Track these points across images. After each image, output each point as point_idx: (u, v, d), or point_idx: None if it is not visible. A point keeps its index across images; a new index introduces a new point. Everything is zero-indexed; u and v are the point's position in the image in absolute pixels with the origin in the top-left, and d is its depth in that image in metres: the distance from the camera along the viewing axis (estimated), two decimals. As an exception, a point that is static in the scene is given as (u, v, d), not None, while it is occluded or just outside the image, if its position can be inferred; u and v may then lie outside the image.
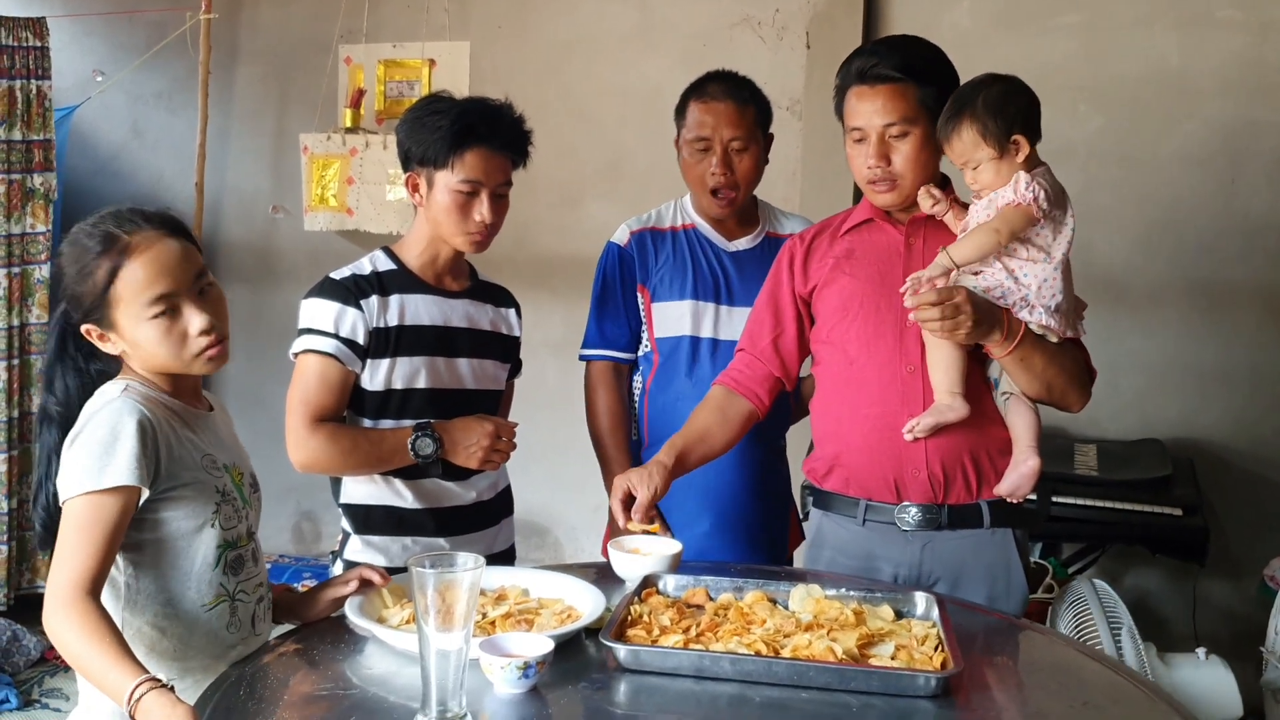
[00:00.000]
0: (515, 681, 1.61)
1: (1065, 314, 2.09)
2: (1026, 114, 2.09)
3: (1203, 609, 3.78)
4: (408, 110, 2.28)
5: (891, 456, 2.21)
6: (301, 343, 2.21)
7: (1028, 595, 2.28)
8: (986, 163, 2.09)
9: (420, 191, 2.25)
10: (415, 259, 2.30)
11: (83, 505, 1.61)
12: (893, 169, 2.21)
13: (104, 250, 1.70)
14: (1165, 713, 1.64)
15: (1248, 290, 3.78)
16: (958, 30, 3.95)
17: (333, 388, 2.19)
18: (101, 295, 1.70)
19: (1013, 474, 2.17)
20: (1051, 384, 2.15)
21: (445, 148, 2.17)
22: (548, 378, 3.76)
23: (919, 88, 2.18)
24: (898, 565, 2.24)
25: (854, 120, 2.24)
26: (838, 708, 1.60)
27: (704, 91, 2.58)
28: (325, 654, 1.78)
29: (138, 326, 1.71)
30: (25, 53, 4.35)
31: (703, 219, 2.67)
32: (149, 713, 1.45)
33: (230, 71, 4.96)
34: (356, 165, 4.50)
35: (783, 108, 4.20)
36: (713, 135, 2.54)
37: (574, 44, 4.50)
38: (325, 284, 2.24)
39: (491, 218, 2.22)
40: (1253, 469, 3.79)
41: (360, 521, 2.28)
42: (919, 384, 2.19)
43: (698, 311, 2.60)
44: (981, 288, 2.09)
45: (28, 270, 4.42)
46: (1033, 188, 2.04)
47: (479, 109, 2.21)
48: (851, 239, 2.32)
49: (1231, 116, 3.75)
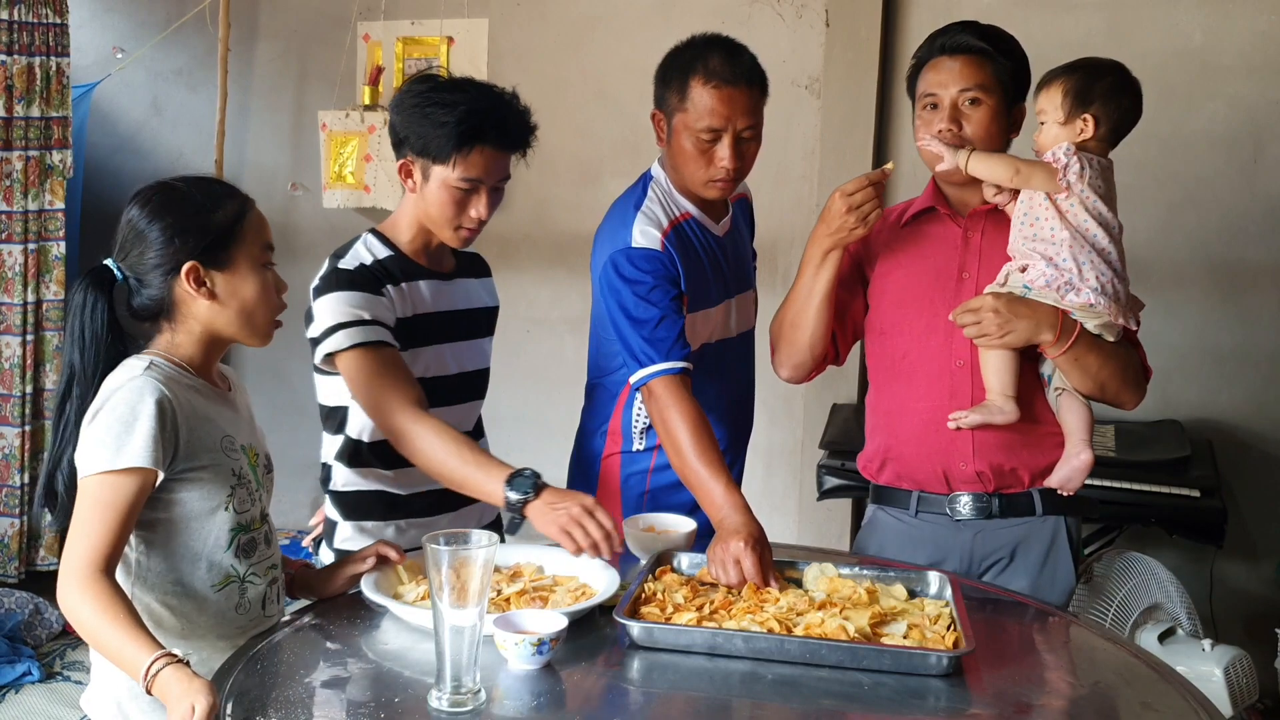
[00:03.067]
0: (529, 658, 1.62)
1: (1114, 298, 2.08)
2: (1113, 107, 2.11)
3: (1219, 591, 3.77)
4: (404, 92, 2.16)
5: (939, 450, 2.21)
6: (344, 338, 2.05)
7: (1074, 585, 2.28)
8: (1052, 124, 2.13)
9: (414, 179, 2.16)
10: (408, 244, 2.21)
11: (99, 484, 1.62)
12: (964, 134, 2.17)
13: (230, 193, 1.79)
14: (1177, 695, 1.64)
15: (1269, 271, 3.75)
16: (981, 7, 3.90)
17: (407, 373, 2.07)
18: (230, 230, 1.75)
19: (1064, 467, 2.17)
20: (1106, 384, 2.15)
21: (449, 145, 2.08)
22: (566, 354, 3.77)
23: (996, 61, 2.18)
24: (947, 553, 2.24)
25: (927, 88, 2.20)
26: (850, 686, 1.60)
27: (710, 70, 2.22)
28: (341, 629, 1.80)
29: (251, 271, 1.77)
30: (45, 29, 4.35)
31: (694, 206, 2.37)
32: (166, 687, 1.47)
33: (249, 48, 4.97)
34: (375, 142, 4.50)
35: (802, 86, 4.19)
36: (725, 126, 2.22)
37: (593, 21, 4.48)
38: (343, 275, 2.12)
39: (487, 214, 2.15)
40: (1272, 451, 3.77)
41: (350, 508, 2.23)
42: (968, 378, 2.19)
43: (728, 311, 2.44)
44: (1029, 281, 2.10)
45: (45, 246, 4.43)
46: (1070, 156, 2.07)
47: (486, 106, 2.11)
48: (912, 230, 2.30)
49: (1255, 96, 3.71)
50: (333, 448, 2.24)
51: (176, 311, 1.76)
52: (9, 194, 4.30)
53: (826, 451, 3.59)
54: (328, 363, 2.10)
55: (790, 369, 2.35)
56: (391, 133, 2.19)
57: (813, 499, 3.65)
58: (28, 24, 4.30)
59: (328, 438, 2.26)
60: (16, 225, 4.33)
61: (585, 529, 1.89)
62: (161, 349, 1.77)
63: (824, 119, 4.10)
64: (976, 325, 2.09)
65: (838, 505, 4.02)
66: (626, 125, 4.40)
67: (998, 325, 2.08)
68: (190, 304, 1.75)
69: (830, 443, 3.62)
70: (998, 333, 2.08)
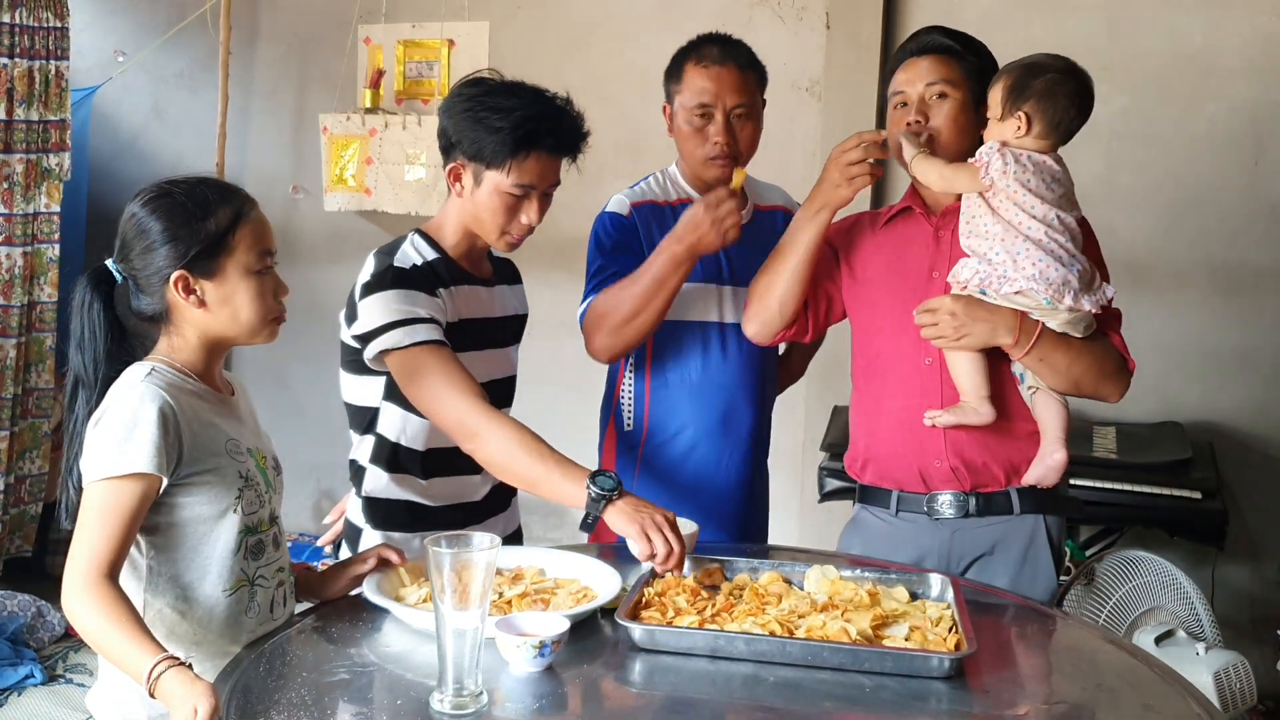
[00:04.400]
0: (531, 660, 1.62)
1: (1062, 284, 2.06)
2: (1051, 105, 2.09)
3: (1221, 593, 3.77)
4: (455, 96, 2.13)
5: (914, 448, 2.23)
6: (403, 335, 2.01)
7: (1055, 583, 2.28)
8: (993, 121, 2.14)
9: (463, 183, 2.13)
10: (453, 248, 2.19)
11: (103, 490, 1.62)
12: (930, 125, 2.20)
13: (226, 199, 1.75)
14: (1178, 696, 1.64)
15: (1270, 273, 3.75)
16: (980, 8, 3.92)
17: (468, 371, 2.02)
18: (220, 239, 1.72)
19: (1039, 466, 2.18)
20: (1080, 380, 2.15)
21: (504, 150, 2.06)
22: (567, 357, 3.76)
23: (964, 59, 2.22)
24: (926, 552, 2.25)
25: (897, 86, 2.25)
26: (851, 688, 1.60)
27: (702, 54, 2.42)
28: (343, 631, 1.80)
29: (243, 279, 1.74)
30: (45, 33, 4.35)
31: (698, 193, 2.48)
32: (169, 691, 1.46)
33: (250, 51, 4.97)
34: (375, 145, 4.51)
35: (802, 88, 4.19)
36: (714, 102, 2.39)
37: (593, 24, 4.49)
38: (399, 273, 2.08)
39: (537, 220, 2.14)
40: (1273, 453, 3.77)
41: (380, 517, 2.21)
42: (937, 377, 2.21)
43: (706, 294, 2.49)
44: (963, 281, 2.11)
45: (39, 249, 4.43)
46: (992, 154, 2.08)
47: (541, 111, 2.09)
48: (890, 230, 2.33)
49: (1256, 98, 3.72)
50: (366, 449, 2.21)
51: (172, 317, 1.76)
52: (8, 197, 4.31)
53: (828, 454, 3.59)
54: (378, 361, 2.08)
55: (757, 325, 2.34)
56: (441, 137, 2.15)
57: (814, 501, 3.65)
58: (28, 27, 4.30)
59: (358, 438, 2.23)
60: (16, 228, 4.34)
61: (665, 536, 1.84)
62: (163, 354, 1.77)
63: (825, 121, 4.10)
64: (934, 327, 2.11)
65: (839, 507, 4.01)
66: (627, 128, 4.40)
67: (954, 328, 2.09)
68: (184, 310, 1.75)
69: (832, 445, 3.62)
70: (953, 335, 2.10)
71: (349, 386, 2.20)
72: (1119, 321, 2.22)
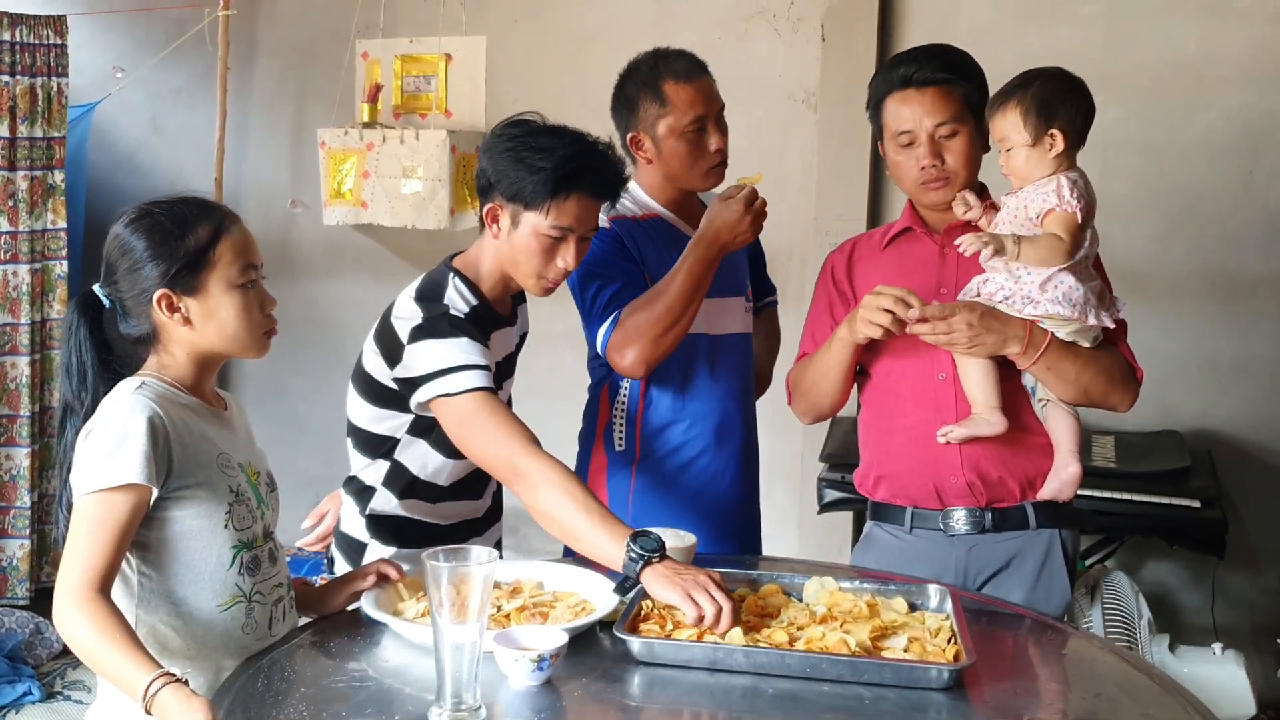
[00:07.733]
0: (529, 674, 1.62)
1: (1080, 303, 2.08)
2: (1073, 114, 2.10)
3: (1221, 601, 3.76)
4: (496, 136, 2.12)
5: (929, 464, 2.23)
6: (461, 381, 2.00)
7: (1069, 597, 2.28)
8: (1019, 148, 2.12)
9: (500, 224, 2.11)
10: (489, 290, 2.18)
11: (93, 503, 1.62)
12: (947, 167, 2.22)
13: (204, 215, 1.76)
14: (1178, 706, 1.64)
15: (1267, 281, 3.75)
16: (975, 21, 3.93)
17: (516, 416, 2.04)
18: (200, 255, 1.73)
19: (1054, 480, 2.18)
20: (1089, 389, 2.15)
21: (545, 192, 2.04)
22: (566, 368, 3.76)
23: (963, 87, 2.21)
24: (941, 568, 2.24)
25: (901, 125, 2.23)
26: (850, 700, 1.60)
27: (679, 72, 2.43)
28: (342, 646, 1.80)
29: (226, 293, 1.75)
30: (46, 50, 4.39)
31: (666, 208, 2.50)
32: (165, 707, 1.46)
33: (248, 67, 4.98)
34: (373, 159, 4.51)
35: (798, 100, 4.20)
36: (708, 112, 2.42)
37: (590, 36, 4.50)
38: (456, 321, 2.07)
39: (574, 264, 2.12)
40: (1272, 461, 3.77)
41: (390, 534, 2.21)
42: (951, 392, 2.21)
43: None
44: (985, 293, 2.11)
45: (48, 266, 4.47)
46: (1078, 195, 2.07)
47: (583, 152, 2.09)
48: (892, 251, 2.34)
49: (1251, 106, 3.72)
50: (377, 473, 2.21)
51: (160, 336, 1.77)
52: (14, 214, 4.33)
53: (827, 465, 3.59)
54: (424, 405, 2.06)
55: (810, 418, 2.44)
56: (480, 177, 2.14)
57: (813, 512, 3.65)
58: (29, 45, 4.34)
59: (366, 460, 2.22)
60: (23, 245, 4.36)
61: (710, 596, 1.75)
62: (153, 370, 1.78)
63: (821, 133, 4.11)
64: (948, 334, 2.09)
65: (838, 518, 4.02)
66: (624, 140, 4.42)
67: (969, 337, 2.08)
68: (170, 329, 1.76)
69: (830, 456, 3.62)
70: (967, 344, 2.09)
71: (365, 414, 2.18)
72: (1125, 331, 2.23)
